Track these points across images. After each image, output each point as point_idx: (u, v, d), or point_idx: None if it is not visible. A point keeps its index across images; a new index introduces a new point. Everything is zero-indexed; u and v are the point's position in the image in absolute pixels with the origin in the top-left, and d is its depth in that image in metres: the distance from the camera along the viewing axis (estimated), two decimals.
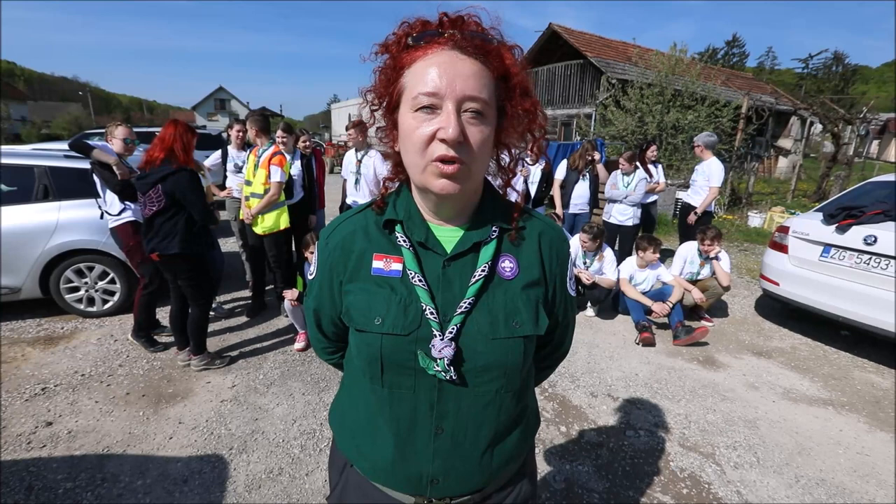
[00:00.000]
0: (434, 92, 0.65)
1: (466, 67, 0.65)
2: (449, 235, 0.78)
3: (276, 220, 3.73)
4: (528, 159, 0.82)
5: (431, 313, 0.73)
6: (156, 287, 3.27)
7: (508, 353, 0.76)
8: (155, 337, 3.39)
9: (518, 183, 1.04)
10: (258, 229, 3.73)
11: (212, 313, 4.00)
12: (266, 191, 3.58)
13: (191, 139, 2.83)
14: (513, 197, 0.84)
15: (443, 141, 0.65)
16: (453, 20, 0.68)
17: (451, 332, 0.73)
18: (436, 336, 0.73)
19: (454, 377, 0.73)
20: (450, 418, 0.77)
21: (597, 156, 5.03)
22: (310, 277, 0.89)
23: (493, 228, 0.78)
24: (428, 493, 0.80)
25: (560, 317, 0.87)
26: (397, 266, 0.77)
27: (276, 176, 3.56)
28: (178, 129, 2.78)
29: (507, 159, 0.80)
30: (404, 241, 0.77)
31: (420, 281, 0.74)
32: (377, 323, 0.75)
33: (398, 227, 0.78)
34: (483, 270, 0.75)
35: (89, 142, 3.16)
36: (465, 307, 0.74)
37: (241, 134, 4.33)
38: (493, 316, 0.75)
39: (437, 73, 0.65)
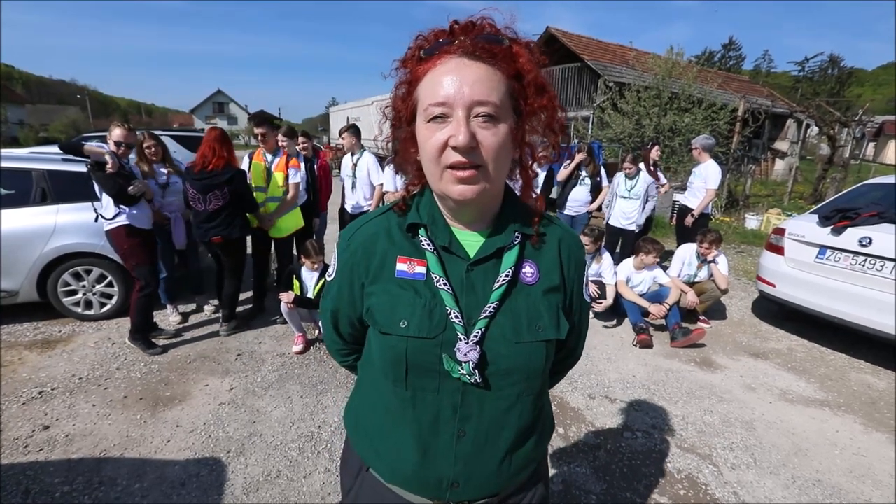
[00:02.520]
0: (443, 101, 0.65)
1: (474, 72, 0.66)
2: (470, 239, 0.79)
3: (293, 221, 3.81)
4: (534, 165, 0.81)
5: (456, 317, 0.74)
6: (152, 290, 3.28)
7: (531, 356, 0.76)
8: (153, 340, 3.38)
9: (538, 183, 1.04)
10: (276, 233, 3.78)
11: (204, 314, 4.02)
12: (285, 193, 3.68)
13: (231, 146, 3.44)
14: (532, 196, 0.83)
15: (455, 148, 0.66)
16: (464, 27, 0.69)
17: (475, 336, 0.73)
18: (461, 340, 0.73)
19: (479, 380, 0.73)
20: (472, 421, 0.77)
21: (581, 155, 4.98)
22: (328, 279, 0.89)
23: (516, 234, 0.78)
24: (447, 496, 0.79)
25: (576, 322, 0.87)
26: (421, 269, 0.77)
27: (296, 177, 3.73)
28: (222, 137, 3.38)
29: (530, 160, 0.79)
30: (428, 244, 0.77)
31: (445, 285, 0.75)
32: (402, 326, 0.75)
33: (421, 231, 0.78)
34: (506, 276, 0.75)
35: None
36: (490, 311, 0.74)
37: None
38: (517, 320, 0.76)
39: (444, 83, 0.65)
